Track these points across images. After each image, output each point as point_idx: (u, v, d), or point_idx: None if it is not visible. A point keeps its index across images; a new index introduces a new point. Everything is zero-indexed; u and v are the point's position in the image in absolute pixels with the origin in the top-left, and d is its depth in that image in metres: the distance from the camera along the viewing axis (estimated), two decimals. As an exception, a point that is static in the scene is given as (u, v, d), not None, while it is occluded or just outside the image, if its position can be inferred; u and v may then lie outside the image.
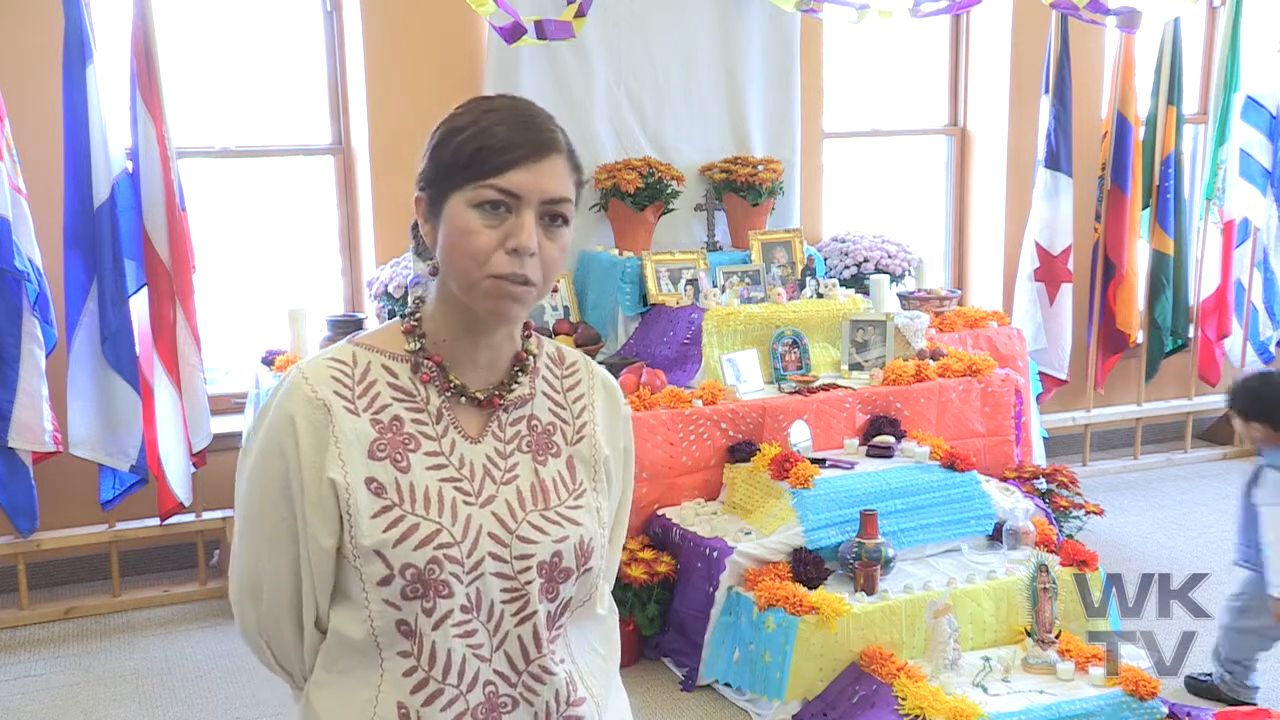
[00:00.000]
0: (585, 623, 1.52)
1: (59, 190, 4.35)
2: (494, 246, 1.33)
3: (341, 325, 4.85)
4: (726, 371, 4.56)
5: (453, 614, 1.36)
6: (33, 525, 4.43)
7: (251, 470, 1.40)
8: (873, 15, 5.39)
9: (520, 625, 1.39)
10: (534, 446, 1.45)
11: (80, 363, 4.37)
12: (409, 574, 1.33)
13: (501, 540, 1.38)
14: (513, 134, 1.34)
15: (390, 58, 5.07)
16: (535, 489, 1.43)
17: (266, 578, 1.40)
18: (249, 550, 1.41)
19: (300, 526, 1.37)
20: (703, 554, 4.01)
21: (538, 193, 1.34)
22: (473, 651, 1.37)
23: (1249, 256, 6.43)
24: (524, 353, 1.47)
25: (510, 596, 1.38)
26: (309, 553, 1.37)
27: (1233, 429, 6.61)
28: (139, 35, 4.33)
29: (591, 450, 1.49)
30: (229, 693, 3.99)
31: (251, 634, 1.45)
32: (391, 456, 1.37)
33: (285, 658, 1.45)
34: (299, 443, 1.35)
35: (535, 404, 1.47)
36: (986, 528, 4.19)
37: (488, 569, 1.37)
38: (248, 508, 1.41)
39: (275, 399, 1.40)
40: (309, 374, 1.39)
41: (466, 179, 1.34)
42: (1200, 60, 6.79)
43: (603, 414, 1.52)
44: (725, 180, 5.31)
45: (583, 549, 1.43)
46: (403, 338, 1.43)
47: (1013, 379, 4.82)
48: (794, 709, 3.63)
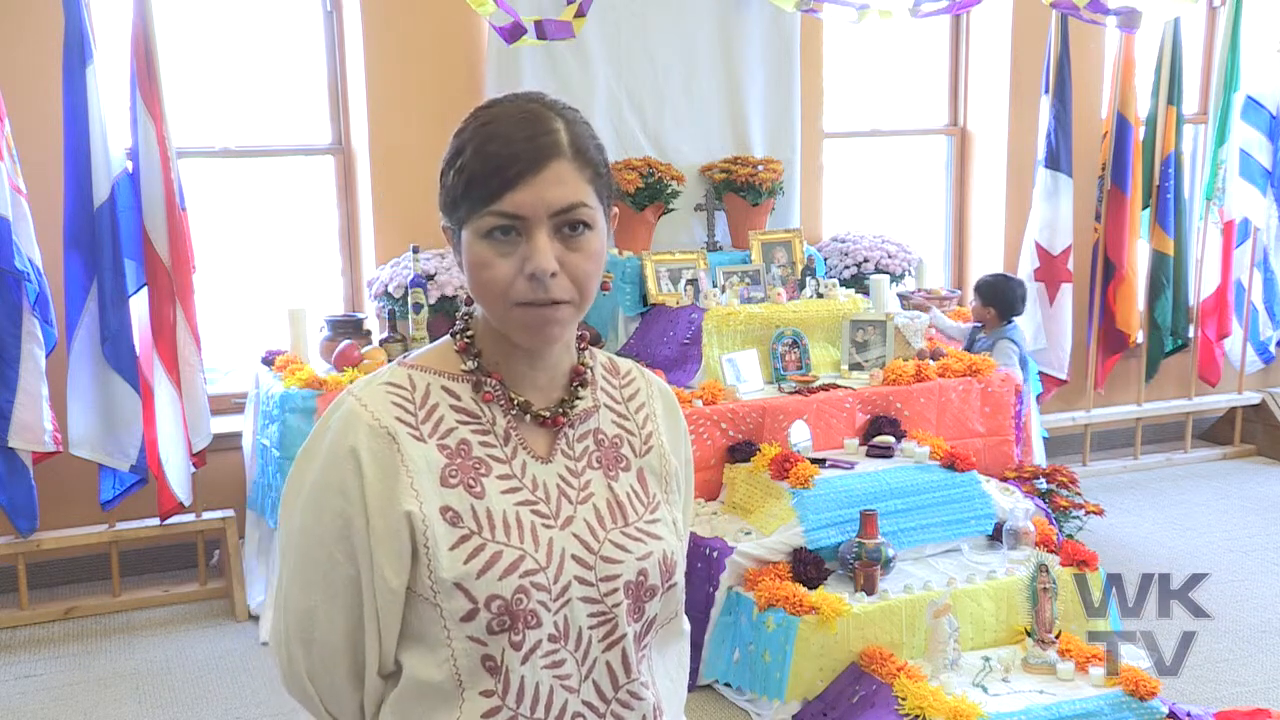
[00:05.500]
0: (668, 645, 1.48)
1: (59, 190, 4.35)
2: (513, 275, 1.26)
3: (341, 325, 4.85)
4: (726, 371, 4.56)
5: (541, 645, 1.28)
6: (33, 525, 4.43)
7: (304, 507, 1.30)
8: (873, 15, 5.39)
9: (609, 651, 1.33)
10: (604, 462, 1.38)
11: (80, 363, 4.37)
12: (495, 606, 1.26)
13: (585, 563, 1.31)
14: (505, 149, 1.25)
15: (390, 58, 5.07)
16: (612, 506, 1.36)
17: (319, 623, 1.30)
18: (300, 593, 1.31)
19: (364, 568, 1.28)
20: (703, 554, 4.01)
21: (543, 207, 1.25)
22: (560, 683, 1.30)
23: (1249, 256, 6.44)
24: (581, 365, 1.40)
25: (598, 621, 1.32)
26: (375, 595, 1.28)
27: (1233, 429, 6.65)
28: (139, 35, 4.33)
29: (661, 461, 1.43)
30: (229, 693, 3.99)
31: (300, 682, 1.34)
32: (465, 483, 1.29)
33: (337, 707, 1.35)
34: (364, 477, 1.26)
35: (599, 417, 1.40)
36: (986, 528, 4.19)
37: (575, 594, 1.30)
38: (300, 548, 1.31)
39: (331, 430, 1.30)
40: (366, 400, 1.30)
41: (470, 209, 1.27)
42: (1200, 60, 6.79)
43: (664, 423, 1.46)
44: (725, 180, 5.31)
45: (666, 564, 1.37)
46: (456, 357, 1.35)
47: (1013, 379, 4.82)
48: (794, 709, 3.64)
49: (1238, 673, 4.06)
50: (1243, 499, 5.88)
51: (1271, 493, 5.97)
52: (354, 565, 1.28)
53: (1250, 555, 5.11)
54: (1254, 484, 6.12)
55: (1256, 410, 6.65)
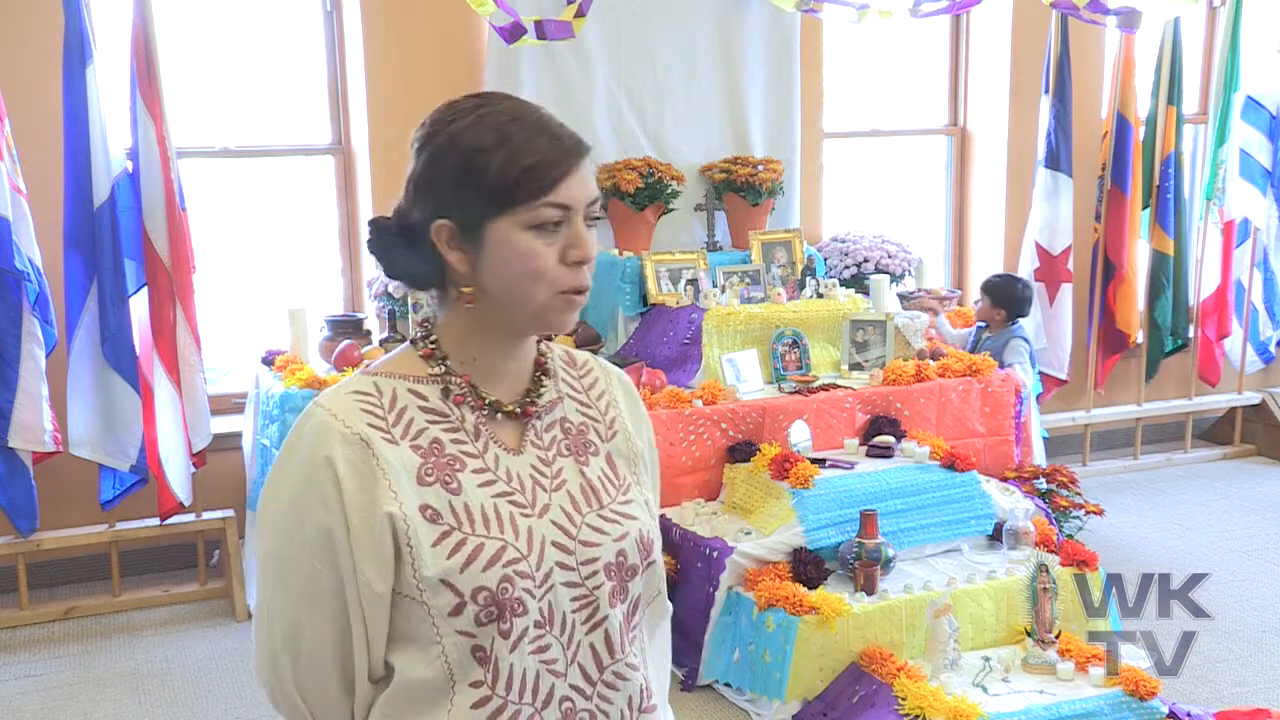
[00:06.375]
0: (657, 624, 1.52)
1: (59, 190, 4.35)
2: (556, 264, 1.32)
3: (341, 325, 4.85)
4: (726, 371, 4.56)
5: (528, 631, 1.31)
6: (33, 525, 4.43)
7: (282, 521, 1.32)
8: (873, 15, 5.39)
9: (591, 633, 1.36)
10: (573, 449, 1.43)
11: (80, 363, 4.37)
12: (482, 598, 1.28)
13: (565, 548, 1.35)
14: (551, 145, 1.31)
15: (390, 58, 5.07)
16: (585, 490, 1.40)
17: (305, 634, 1.32)
18: (285, 607, 1.32)
19: (347, 576, 1.29)
20: (703, 554, 4.01)
21: (584, 199, 1.33)
22: (547, 668, 1.33)
23: (1249, 256, 6.44)
24: (541, 356, 1.45)
25: (580, 605, 1.35)
26: (360, 602, 1.30)
27: (1233, 429, 6.65)
28: (139, 35, 4.33)
29: (628, 444, 1.48)
30: (229, 693, 3.99)
31: (291, 697, 1.35)
32: (441, 480, 1.32)
33: (328, 717, 1.37)
34: (342, 486, 1.28)
35: (564, 407, 1.45)
36: (986, 528, 4.19)
37: (557, 579, 1.33)
38: (280, 561, 1.32)
39: (304, 441, 1.31)
40: (335, 409, 1.32)
41: (517, 200, 1.29)
42: (1200, 60, 6.78)
43: (626, 408, 1.51)
44: (725, 180, 5.31)
45: (643, 543, 1.41)
46: (421, 362, 1.38)
47: (1013, 379, 4.82)
48: (794, 709, 3.63)
49: (1238, 673, 4.06)
50: (1243, 499, 5.88)
51: (1271, 493, 5.97)
52: (337, 574, 1.30)
53: (1250, 555, 5.11)
54: (1254, 484, 6.12)
55: (1256, 410, 6.65)
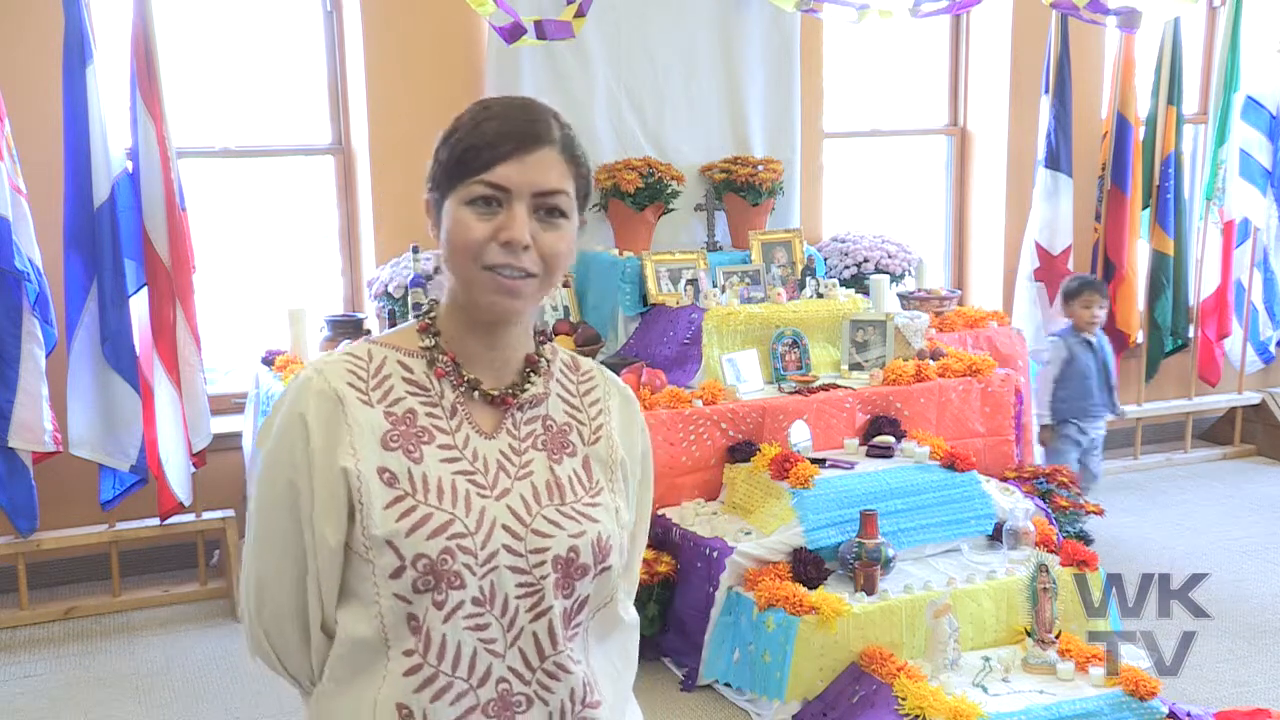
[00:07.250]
0: (608, 633, 1.53)
1: (59, 190, 4.35)
2: (486, 239, 1.35)
3: (341, 325, 4.85)
4: (726, 371, 4.56)
5: (464, 606, 1.34)
6: (33, 525, 4.43)
7: (260, 477, 1.40)
8: (873, 15, 5.39)
9: (535, 621, 1.38)
10: (549, 445, 1.45)
11: (80, 363, 4.37)
12: (421, 565, 1.32)
13: (515, 533, 1.37)
14: (502, 128, 1.35)
15: (390, 58, 5.07)
16: (550, 485, 1.42)
17: (270, 584, 1.40)
18: (257, 560, 1.41)
19: (307, 530, 1.36)
20: (703, 554, 4.01)
21: (527, 185, 1.34)
22: (484, 646, 1.36)
23: (1249, 256, 6.44)
24: (536, 356, 1.47)
25: (525, 591, 1.37)
26: (316, 554, 1.36)
27: (1233, 429, 6.65)
28: (139, 35, 4.33)
29: (609, 451, 1.48)
30: (229, 693, 3.99)
31: (259, 641, 1.44)
32: (404, 448, 1.37)
33: (292, 664, 1.44)
34: (310, 440, 1.35)
35: (550, 405, 1.47)
36: (986, 528, 4.19)
37: (502, 562, 1.36)
38: (258, 517, 1.41)
39: (286, 399, 1.40)
40: (323, 368, 1.40)
41: (459, 177, 1.36)
42: (1200, 60, 6.79)
43: (619, 419, 1.52)
44: (725, 180, 5.31)
45: (600, 546, 1.41)
46: (418, 336, 1.44)
47: (1013, 379, 4.82)
48: (794, 709, 3.63)
49: (1238, 673, 4.06)
50: (1243, 499, 5.88)
51: (1271, 493, 5.97)
52: (298, 525, 1.37)
53: (1250, 555, 5.11)
54: (1254, 484, 6.12)
55: (1256, 410, 6.65)
